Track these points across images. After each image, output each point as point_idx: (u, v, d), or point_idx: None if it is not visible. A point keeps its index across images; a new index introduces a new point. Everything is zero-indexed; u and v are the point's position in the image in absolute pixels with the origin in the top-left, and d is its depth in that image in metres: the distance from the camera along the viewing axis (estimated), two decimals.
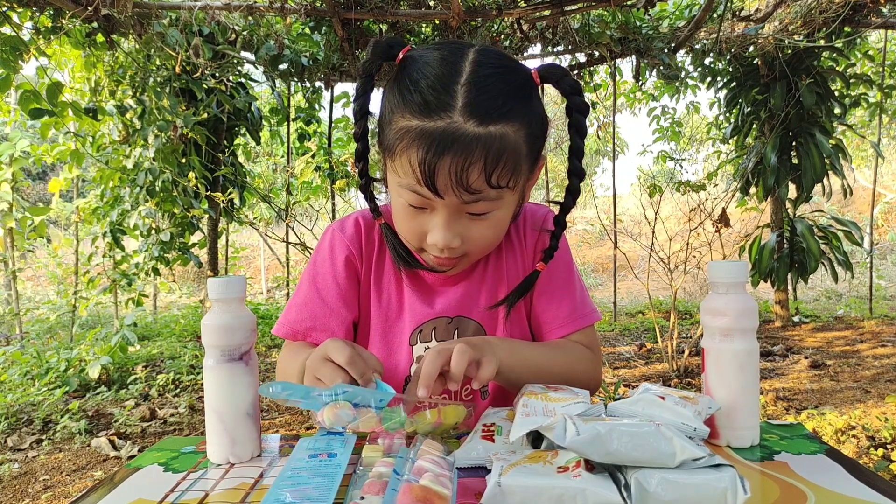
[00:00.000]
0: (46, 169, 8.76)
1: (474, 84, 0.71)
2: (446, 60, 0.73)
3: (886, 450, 2.30)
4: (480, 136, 0.70)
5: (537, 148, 0.78)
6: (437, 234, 0.77)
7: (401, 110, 0.73)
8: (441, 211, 0.76)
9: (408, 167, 0.72)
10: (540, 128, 0.77)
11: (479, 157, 0.70)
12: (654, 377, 3.57)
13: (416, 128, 0.71)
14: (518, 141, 0.73)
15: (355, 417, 0.64)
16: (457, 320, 0.92)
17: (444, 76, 0.71)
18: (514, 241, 0.95)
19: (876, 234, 8.92)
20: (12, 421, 3.02)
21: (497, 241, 0.84)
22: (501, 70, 0.74)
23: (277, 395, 0.64)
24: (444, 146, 0.69)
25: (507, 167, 0.72)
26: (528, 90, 0.75)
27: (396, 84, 0.75)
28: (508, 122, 0.72)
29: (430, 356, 0.69)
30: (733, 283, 0.71)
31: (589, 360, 0.91)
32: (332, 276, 0.92)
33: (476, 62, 0.73)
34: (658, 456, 0.53)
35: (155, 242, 3.85)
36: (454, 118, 0.70)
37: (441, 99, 0.70)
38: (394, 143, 0.73)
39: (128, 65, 3.83)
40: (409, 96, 0.72)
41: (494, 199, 0.75)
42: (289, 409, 3.25)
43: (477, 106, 0.70)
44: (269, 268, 9.82)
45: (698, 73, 4.89)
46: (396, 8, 3.60)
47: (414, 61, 0.75)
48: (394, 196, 0.80)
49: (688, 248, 3.77)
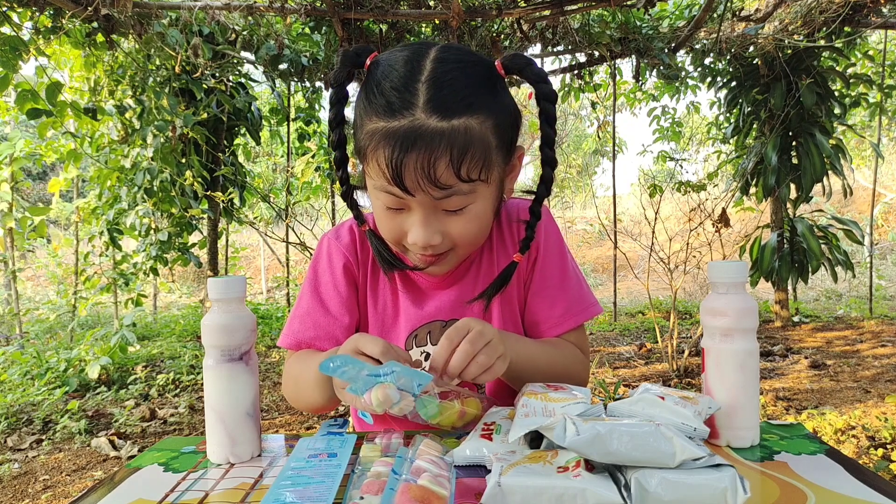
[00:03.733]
0: (46, 169, 8.76)
1: (435, 80, 0.72)
2: (408, 60, 0.74)
3: (886, 450, 2.30)
4: (444, 130, 0.70)
5: (508, 139, 0.78)
6: (415, 233, 0.77)
7: (368, 114, 0.74)
8: (417, 209, 0.76)
9: (377, 169, 0.73)
10: (508, 119, 0.77)
11: (444, 152, 0.70)
12: (654, 377, 3.57)
13: (382, 129, 0.72)
14: (484, 132, 0.73)
15: (400, 399, 0.65)
16: (451, 323, 0.92)
17: (406, 75, 0.72)
18: (506, 237, 0.94)
19: (876, 234, 8.92)
20: (12, 421, 3.02)
21: (482, 234, 0.84)
22: (462, 65, 0.74)
23: (335, 370, 0.66)
24: (409, 143, 0.70)
25: (475, 159, 0.72)
26: (491, 82, 0.76)
27: (364, 89, 0.76)
28: (472, 115, 0.72)
29: (463, 348, 0.69)
30: (733, 283, 0.71)
31: (580, 361, 0.92)
32: (333, 284, 0.93)
33: (437, 59, 0.74)
34: (658, 456, 0.53)
35: (153, 242, 3.85)
36: (417, 115, 0.70)
37: (403, 98, 0.71)
38: (364, 147, 0.74)
39: (127, 65, 3.83)
40: (374, 99, 0.73)
41: (468, 193, 0.75)
42: (289, 408, 3.25)
43: (439, 101, 0.71)
44: (269, 268, 9.82)
45: (698, 73, 4.89)
46: (396, 8, 3.60)
47: (378, 65, 0.76)
48: (372, 199, 0.81)
49: (688, 248, 3.77)
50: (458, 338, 0.70)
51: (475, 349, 0.70)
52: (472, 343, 0.70)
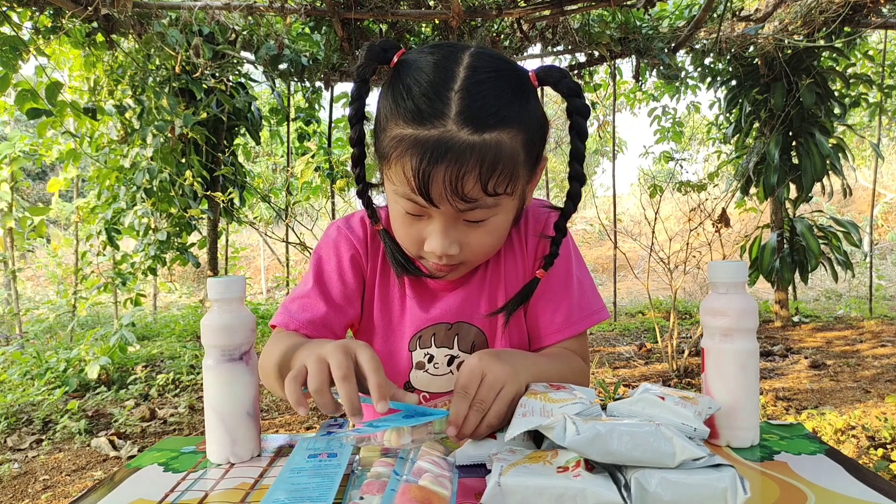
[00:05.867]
0: (46, 169, 8.76)
1: (468, 90, 0.69)
2: (440, 65, 0.71)
3: (886, 450, 2.30)
4: (475, 144, 0.68)
5: (536, 152, 0.76)
6: (434, 242, 0.76)
7: (395, 117, 0.71)
8: (438, 219, 0.75)
9: (402, 176, 0.71)
10: (538, 131, 0.76)
11: (473, 166, 0.68)
12: (654, 377, 3.57)
13: (410, 136, 0.69)
14: (515, 147, 0.71)
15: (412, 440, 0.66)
16: (457, 326, 0.91)
17: (438, 82, 0.70)
18: (515, 244, 0.93)
19: (876, 234, 8.92)
20: (12, 421, 3.02)
21: (497, 246, 0.83)
22: (496, 74, 0.72)
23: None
24: (439, 155, 0.68)
25: (503, 175, 0.71)
26: (525, 93, 0.73)
27: (390, 90, 0.73)
28: (504, 129, 0.70)
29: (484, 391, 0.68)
30: (733, 283, 0.71)
31: (581, 370, 0.90)
32: (338, 272, 0.91)
33: (470, 67, 0.71)
34: (658, 456, 0.53)
35: (151, 242, 3.85)
36: (448, 126, 0.68)
37: (434, 106, 0.69)
38: (388, 151, 0.72)
39: (127, 64, 3.83)
40: (403, 103, 0.70)
41: (492, 207, 0.74)
42: (289, 409, 3.25)
43: (471, 113, 0.68)
44: (269, 268, 9.82)
45: (698, 73, 4.89)
46: (396, 8, 3.60)
47: (408, 66, 0.73)
48: (391, 203, 0.79)
49: (688, 248, 3.77)
50: (473, 389, 0.68)
51: (487, 404, 0.68)
52: (484, 399, 0.68)
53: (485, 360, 0.71)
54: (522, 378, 0.73)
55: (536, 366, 0.80)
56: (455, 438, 0.67)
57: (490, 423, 0.68)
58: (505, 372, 0.70)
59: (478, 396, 0.68)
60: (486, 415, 0.68)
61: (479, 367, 0.70)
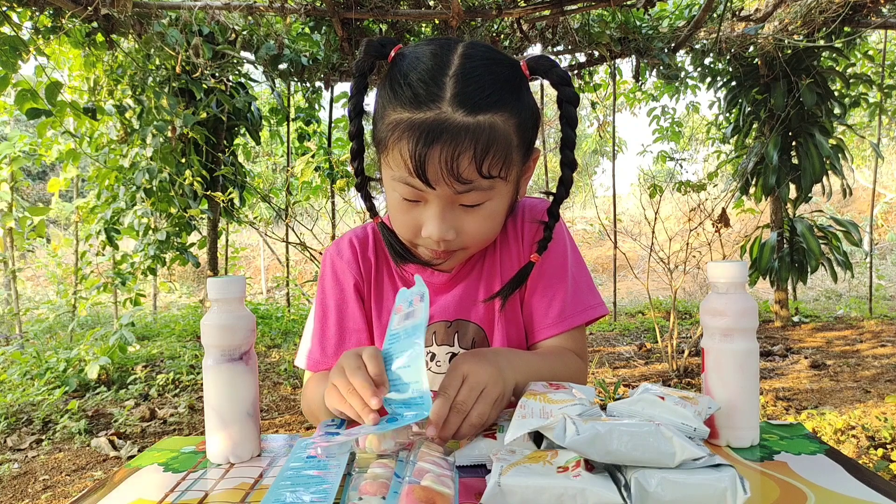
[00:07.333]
0: (46, 169, 8.76)
1: (463, 75, 0.72)
2: (435, 54, 0.75)
3: (886, 450, 2.30)
4: (469, 125, 0.71)
5: (528, 139, 0.79)
6: (431, 226, 0.77)
7: (392, 104, 0.74)
8: (434, 203, 0.76)
9: (399, 159, 0.73)
10: (530, 119, 0.78)
11: (468, 147, 0.71)
12: (654, 377, 3.57)
13: (406, 120, 0.72)
14: (507, 131, 0.74)
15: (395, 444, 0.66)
16: (456, 323, 0.92)
17: (434, 69, 0.73)
18: (511, 236, 0.93)
19: (876, 234, 8.92)
20: (12, 421, 3.02)
21: (493, 233, 0.84)
22: (490, 62, 0.75)
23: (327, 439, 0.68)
24: (434, 136, 0.70)
25: (497, 156, 0.73)
26: (517, 82, 0.77)
27: (388, 80, 0.76)
28: (497, 112, 0.73)
29: (465, 392, 0.68)
30: (733, 283, 0.71)
31: (578, 368, 0.90)
32: (345, 303, 0.94)
33: (464, 55, 0.74)
34: (658, 456, 0.53)
35: (151, 242, 3.85)
36: (443, 109, 0.71)
37: (430, 90, 0.72)
38: (386, 137, 0.75)
39: (127, 64, 3.83)
40: (400, 90, 0.73)
41: (487, 190, 0.75)
42: (289, 408, 3.25)
43: (465, 96, 0.71)
44: (269, 268, 9.82)
45: (698, 73, 4.89)
46: (396, 8, 3.60)
47: (404, 57, 0.77)
48: (388, 191, 0.81)
49: (688, 248, 3.77)
50: (453, 391, 0.68)
51: (468, 405, 0.67)
52: (465, 400, 0.68)
53: (468, 362, 0.71)
54: (508, 378, 0.73)
55: (527, 364, 0.80)
56: (439, 441, 0.66)
57: (473, 424, 0.67)
58: (487, 373, 0.70)
59: (458, 398, 0.67)
60: (467, 416, 0.67)
61: (462, 369, 0.70)
